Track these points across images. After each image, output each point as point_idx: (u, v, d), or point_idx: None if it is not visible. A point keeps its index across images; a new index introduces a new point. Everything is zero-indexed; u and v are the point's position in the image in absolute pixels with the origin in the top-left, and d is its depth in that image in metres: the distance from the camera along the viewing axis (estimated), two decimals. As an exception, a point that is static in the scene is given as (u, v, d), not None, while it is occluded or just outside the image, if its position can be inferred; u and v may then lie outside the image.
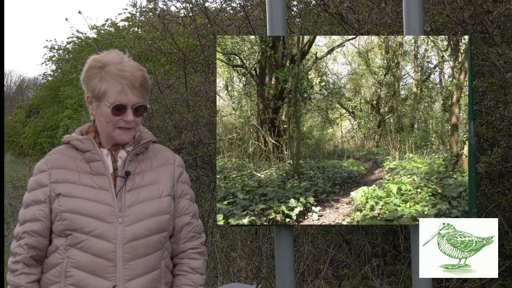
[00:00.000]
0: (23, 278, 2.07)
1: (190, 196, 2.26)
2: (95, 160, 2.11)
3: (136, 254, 2.07)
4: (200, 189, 6.58)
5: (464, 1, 4.12)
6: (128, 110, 2.06)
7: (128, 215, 2.07)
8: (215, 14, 6.88)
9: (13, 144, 27.85)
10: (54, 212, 2.07)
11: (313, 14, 5.74)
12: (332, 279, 4.95)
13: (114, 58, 2.09)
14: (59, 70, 22.19)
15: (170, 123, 6.44)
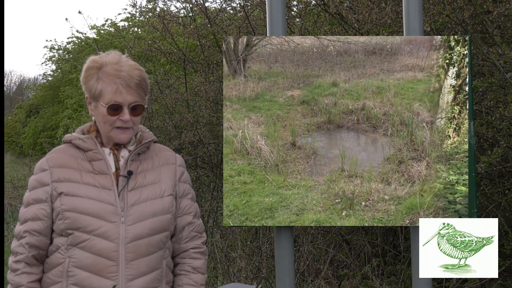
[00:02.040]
0: (24, 277, 2.07)
1: (192, 195, 2.26)
2: (97, 159, 2.11)
3: (138, 254, 2.07)
4: (200, 189, 6.58)
5: (464, 1, 4.13)
6: (124, 110, 2.07)
7: (131, 214, 2.07)
8: (215, 14, 6.88)
9: (13, 144, 27.83)
10: (55, 211, 2.07)
11: (313, 14, 5.74)
12: (332, 279, 4.95)
13: (112, 58, 2.10)
14: (59, 70, 22.18)
15: (170, 123, 6.45)
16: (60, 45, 20.36)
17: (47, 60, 22.31)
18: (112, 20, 16.90)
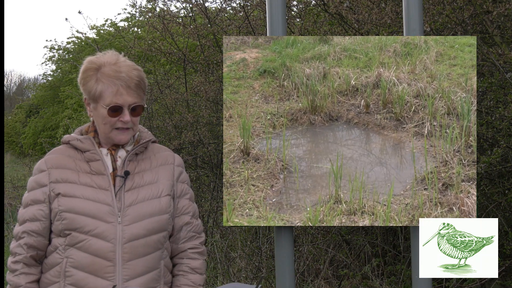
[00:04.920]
0: (23, 278, 2.08)
1: (190, 195, 2.26)
2: (95, 159, 2.11)
3: (135, 254, 2.07)
4: (200, 189, 6.58)
5: (464, 1, 4.12)
6: (124, 111, 2.07)
7: (128, 214, 2.07)
8: (215, 14, 6.88)
9: (13, 144, 27.83)
10: (53, 211, 2.07)
11: (313, 14, 5.74)
12: (332, 279, 4.95)
13: (109, 59, 2.10)
14: (59, 70, 22.18)
15: (170, 123, 6.44)
16: (60, 45, 20.38)
17: (47, 60, 22.32)
18: (112, 20, 16.90)
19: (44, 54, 41.83)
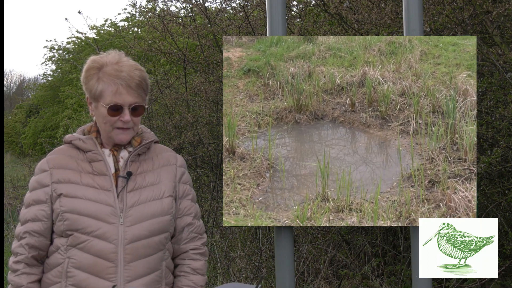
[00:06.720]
0: (24, 278, 2.07)
1: (192, 196, 2.26)
2: (97, 160, 2.11)
3: (137, 255, 2.07)
4: (200, 189, 6.58)
5: (464, 1, 4.12)
6: (124, 110, 2.07)
7: (130, 215, 2.07)
8: (215, 14, 6.88)
9: (13, 144, 27.81)
10: (55, 212, 2.07)
11: (313, 14, 5.74)
12: (332, 279, 4.95)
13: (112, 58, 2.11)
14: (59, 70, 22.17)
15: (170, 123, 6.44)
16: (60, 45, 20.37)
17: (47, 60, 22.31)
18: (112, 20, 16.89)
19: (44, 54, 41.83)
